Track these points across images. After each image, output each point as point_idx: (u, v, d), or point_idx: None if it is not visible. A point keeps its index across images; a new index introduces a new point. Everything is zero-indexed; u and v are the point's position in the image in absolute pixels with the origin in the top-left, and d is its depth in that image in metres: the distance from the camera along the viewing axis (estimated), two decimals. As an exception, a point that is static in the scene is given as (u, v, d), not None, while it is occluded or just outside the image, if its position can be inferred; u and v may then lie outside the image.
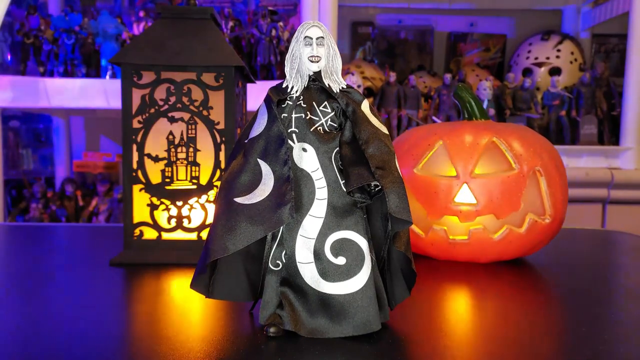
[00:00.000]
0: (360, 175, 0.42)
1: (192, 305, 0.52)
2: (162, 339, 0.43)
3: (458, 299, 0.58)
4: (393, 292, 0.46)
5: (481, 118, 0.79)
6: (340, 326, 0.42)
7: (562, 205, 0.73)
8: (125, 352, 0.41)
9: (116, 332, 0.45)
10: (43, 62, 2.06)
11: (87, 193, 2.15)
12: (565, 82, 2.62)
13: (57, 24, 2.08)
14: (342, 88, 0.45)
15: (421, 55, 2.96)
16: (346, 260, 0.43)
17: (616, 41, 2.86)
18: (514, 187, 0.69)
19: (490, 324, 0.49)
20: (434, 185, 0.71)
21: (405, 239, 0.44)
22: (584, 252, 0.86)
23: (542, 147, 0.73)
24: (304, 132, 0.44)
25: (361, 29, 2.91)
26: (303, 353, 0.39)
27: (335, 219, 0.43)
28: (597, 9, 2.68)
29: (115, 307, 0.53)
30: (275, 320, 0.43)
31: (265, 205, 0.41)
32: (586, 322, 0.48)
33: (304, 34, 0.43)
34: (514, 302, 0.56)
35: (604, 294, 0.61)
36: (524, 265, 0.72)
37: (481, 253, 0.72)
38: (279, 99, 0.44)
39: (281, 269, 0.44)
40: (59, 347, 0.41)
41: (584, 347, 0.42)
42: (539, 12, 2.93)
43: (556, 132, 2.48)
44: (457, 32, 3.00)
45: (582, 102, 2.43)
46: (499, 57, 2.96)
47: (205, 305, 0.51)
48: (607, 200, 2.30)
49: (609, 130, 2.49)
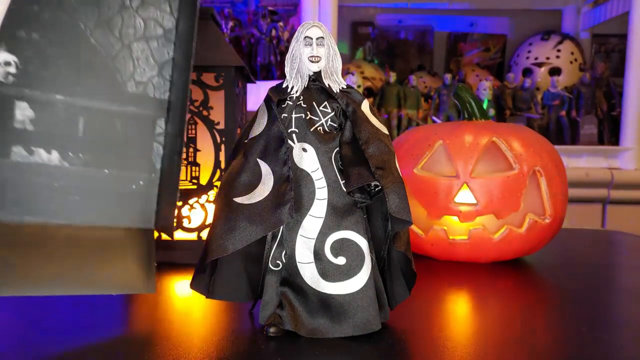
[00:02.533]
0: (360, 175, 0.42)
1: (192, 305, 0.52)
2: (162, 339, 0.43)
3: (458, 299, 0.58)
4: (393, 292, 0.46)
5: (481, 118, 0.79)
6: (340, 326, 0.42)
7: (562, 205, 0.73)
8: (124, 352, 0.41)
9: (116, 332, 0.45)
10: (43, 62, 2.06)
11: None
12: (565, 82, 2.62)
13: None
14: (342, 88, 0.45)
15: (421, 55, 2.96)
16: (346, 260, 0.43)
17: (616, 41, 2.86)
18: (514, 187, 0.69)
19: (490, 324, 0.49)
20: (434, 185, 0.71)
21: (405, 239, 0.44)
22: (584, 252, 0.86)
23: (542, 147, 0.73)
24: (304, 132, 0.44)
25: (361, 29, 2.91)
26: (303, 353, 0.39)
27: (335, 219, 0.43)
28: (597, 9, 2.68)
29: (115, 307, 0.53)
30: (275, 320, 0.43)
31: (265, 205, 0.41)
32: (586, 322, 0.48)
33: (304, 34, 0.43)
34: (514, 302, 0.56)
35: (604, 294, 0.61)
36: (524, 265, 0.72)
37: (481, 253, 0.72)
38: (279, 99, 0.44)
39: (281, 269, 0.44)
40: (57, 346, 0.41)
41: (584, 347, 0.42)
42: (539, 12, 2.93)
43: (556, 132, 2.48)
44: (457, 32, 3.00)
45: (582, 102, 2.43)
46: (499, 57, 2.96)
47: (205, 305, 0.51)
48: (607, 201, 2.30)
49: (609, 130, 2.49)
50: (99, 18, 0.45)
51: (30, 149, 0.43)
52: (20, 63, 0.43)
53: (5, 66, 0.42)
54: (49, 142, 0.44)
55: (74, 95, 0.45)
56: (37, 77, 0.44)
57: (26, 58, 0.43)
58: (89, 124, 0.45)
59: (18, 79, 0.43)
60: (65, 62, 0.44)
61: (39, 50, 0.43)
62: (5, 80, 0.42)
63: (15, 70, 0.43)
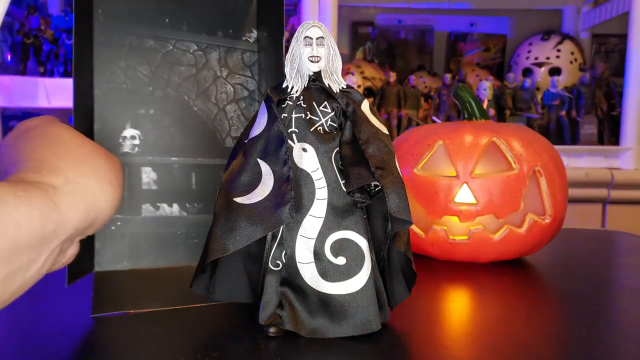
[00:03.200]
0: (360, 175, 0.42)
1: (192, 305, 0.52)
2: (162, 339, 0.43)
3: (458, 299, 0.58)
4: (393, 292, 0.46)
5: (481, 118, 0.79)
6: (340, 326, 0.42)
7: (562, 205, 0.73)
8: (124, 351, 0.41)
9: (114, 332, 0.45)
10: (43, 62, 2.06)
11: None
12: (565, 82, 2.63)
13: (57, 24, 2.08)
14: (342, 88, 0.45)
15: (421, 55, 2.96)
16: (346, 260, 0.43)
17: (616, 41, 2.86)
18: (514, 187, 0.69)
19: (490, 323, 0.49)
20: (434, 185, 0.71)
21: (405, 239, 0.44)
22: (584, 252, 0.86)
23: (542, 147, 0.73)
24: (304, 132, 0.44)
25: (361, 29, 2.91)
26: (303, 353, 0.39)
27: (335, 219, 0.43)
28: (597, 9, 2.68)
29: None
30: (275, 320, 0.43)
31: (265, 205, 0.41)
32: (586, 322, 0.48)
33: (304, 34, 0.43)
34: (514, 302, 0.56)
35: (604, 294, 0.61)
36: (524, 265, 0.72)
37: (481, 253, 0.72)
38: (279, 98, 0.44)
39: (281, 269, 0.44)
40: (45, 342, 0.41)
41: (584, 347, 0.42)
42: (538, 12, 2.93)
43: (556, 132, 2.48)
44: (457, 32, 3.00)
45: (582, 102, 2.44)
46: (499, 57, 2.96)
47: (205, 305, 0.51)
48: (607, 200, 2.30)
49: (609, 130, 2.49)
50: (198, 89, 0.55)
51: (156, 205, 0.53)
52: (142, 135, 0.52)
53: (131, 139, 0.52)
54: (170, 197, 0.54)
55: (186, 156, 0.54)
56: (155, 144, 0.53)
57: (146, 130, 0.52)
58: (199, 178, 0.55)
59: (142, 148, 0.52)
60: (175, 129, 0.54)
61: (155, 122, 0.53)
62: (132, 152, 0.52)
63: (139, 142, 0.52)
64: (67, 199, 0.34)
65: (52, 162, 0.35)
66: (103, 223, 0.38)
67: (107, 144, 0.51)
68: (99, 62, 0.51)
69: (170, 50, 0.54)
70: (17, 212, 0.30)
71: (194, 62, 0.55)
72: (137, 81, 0.52)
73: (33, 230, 0.31)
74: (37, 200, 0.31)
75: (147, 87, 0.53)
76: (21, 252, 0.30)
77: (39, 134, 0.39)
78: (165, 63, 0.53)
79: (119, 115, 0.51)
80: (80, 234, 0.36)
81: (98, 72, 0.51)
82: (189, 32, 0.54)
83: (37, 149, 0.37)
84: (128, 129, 0.52)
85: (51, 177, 0.34)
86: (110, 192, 0.37)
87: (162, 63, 0.53)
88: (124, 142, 0.52)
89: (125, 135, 0.52)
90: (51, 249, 0.33)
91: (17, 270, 0.31)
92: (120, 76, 0.52)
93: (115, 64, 0.52)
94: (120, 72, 0.52)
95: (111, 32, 0.51)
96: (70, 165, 0.36)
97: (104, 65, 0.51)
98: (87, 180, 0.36)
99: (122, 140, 0.52)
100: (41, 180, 0.33)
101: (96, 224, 0.37)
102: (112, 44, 0.51)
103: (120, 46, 0.52)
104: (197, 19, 0.55)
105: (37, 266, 0.33)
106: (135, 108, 0.52)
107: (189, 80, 0.54)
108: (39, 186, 0.33)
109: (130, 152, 0.52)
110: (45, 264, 0.33)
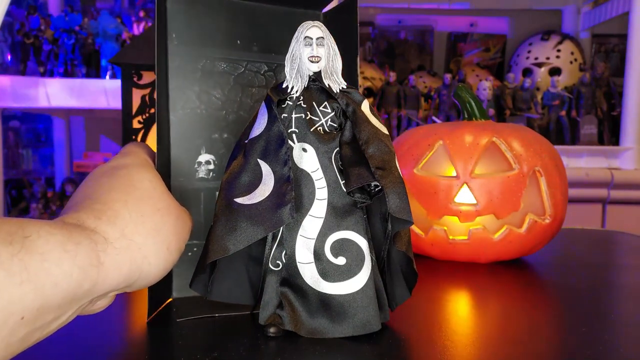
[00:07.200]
0: (360, 176, 0.42)
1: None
2: (162, 339, 0.43)
3: (458, 299, 0.58)
4: (393, 292, 0.46)
5: (481, 118, 0.79)
6: (340, 326, 0.42)
7: (562, 205, 0.73)
8: (123, 352, 0.41)
9: (113, 332, 0.45)
10: (43, 62, 2.06)
11: (87, 193, 2.15)
12: (565, 82, 2.63)
13: (57, 24, 2.08)
14: (342, 88, 0.45)
15: (421, 55, 2.96)
16: (346, 260, 0.43)
17: (616, 41, 2.86)
18: (514, 187, 0.69)
19: (490, 324, 0.49)
20: (434, 185, 0.71)
21: (406, 239, 0.44)
22: (584, 252, 0.86)
23: (542, 147, 0.73)
24: (304, 132, 0.44)
25: (361, 29, 2.91)
26: (303, 353, 0.39)
27: (335, 219, 0.43)
28: (597, 9, 2.68)
29: (114, 307, 0.53)
30: (275, 320, 0.43)
31: (266, 206, 0.41)
32: (586, 322, 0.48)
33: (304, 34, 0.43)
34: (514, 302, 0.56)
35: (604, 294, 0.61)
36: (524, 265, 0.72)
37: (481, 253, 0.72)
38: (279, 99, 0.44)
39: (281, 269, 0.44)
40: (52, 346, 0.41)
41: (584, 347, 0.42)
42: (538, 12, 2.94)
43: (556, 132, 2.48)
44: (457, 32, 3.00)
45: (582, 102, 2.44)
46: (499, 57, 2.96)
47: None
48: (607, 200, 2.31)
49: (609, 130, 2.49)
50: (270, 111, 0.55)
51: None
52: (216, 159, 0.53)
53: (206, 165, 0.52)
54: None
55: None
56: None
57: (221, 155, 0.53)
58: None
59: (216, 173, 0.53)
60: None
61: (229, 146, 0.53)
62: (208, 177, 0.52)
63: (214, 167, 0.53)
64: (114, 257, 0.32)
65: (117, 209, 0.34)
66: (146, 285, 0.36)
67: (184, 169, 0.51)
68: (173, 88, 0.50)
69: (241, 72, 0.53)
70: (59, 270, 0.28)
71: (264, 83, 0.54)
72: (211, 105, 0.52)
73: (69, 290, 0.29)
74: (83, 256, 0.29)
75: (220, 111, 0.53)
76: (49, 312, 0.28)
77: (123, 174, 0.37)
78: (237, 85, 0.53)
79: (195, 141, 0.51)
80: (117, 291, 0.34)
81: (173, 97, 0.50)
82: (260, 52, 0.54)
83: (111, 191, 0.35)
84: (203, 154, 0.52)
85: (108, 227, 0.32)
86: (164, 257, 0.36)
87: (234, 86, 0.53)
88: (199, 168, 0.52)
89: (200, 160, 0.52)
90: (79, 306, 0.31)
91: (39, 328, 0.29)
92: (194, 101, 0.51)
93: (189, 89, 0.51)
94: (194, 97, 0.51)
95: (184, 57, 0.51)
96: (133, 218, 0.34)
97: (179, 90, 0.51)
98: (144, 239, 0.34)
99: (198, 166, 0.52)
100: (97, 228, 0.32)
101: (137, 285, 0.35)
102: (185, 68, 0.51)
103: (193, 70, 0.51)
104: (267, 39, 0.54)
105: (58, 322, 0.30)
106: (209, 133, 0.52)
107: (260, 102, 0.54)
108: (92, 236, 0.31)
109: (205, 177, 0.52)
110: (68, 319, 0.31)
